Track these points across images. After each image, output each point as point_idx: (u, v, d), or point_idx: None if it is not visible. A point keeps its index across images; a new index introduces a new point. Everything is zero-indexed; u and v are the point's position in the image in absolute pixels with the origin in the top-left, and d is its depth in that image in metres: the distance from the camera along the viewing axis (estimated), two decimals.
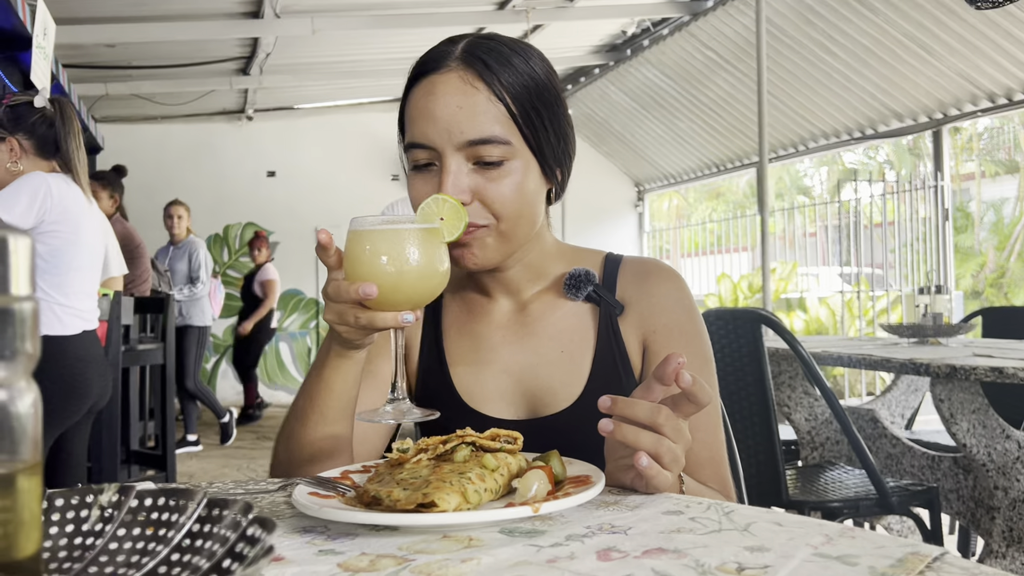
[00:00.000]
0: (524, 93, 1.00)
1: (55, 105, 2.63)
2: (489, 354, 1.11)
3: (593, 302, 1.10)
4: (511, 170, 1.00)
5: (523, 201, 1.01)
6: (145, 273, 5.21)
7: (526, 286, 1.12)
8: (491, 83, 0.98)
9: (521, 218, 1.02)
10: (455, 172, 0.98)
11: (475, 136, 0.97)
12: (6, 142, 2.57)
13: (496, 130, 0.98)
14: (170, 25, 5.98)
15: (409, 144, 1.02)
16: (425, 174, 1.02)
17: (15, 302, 0.39)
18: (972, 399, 2.35)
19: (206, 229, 8.55)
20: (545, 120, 1.02)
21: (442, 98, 0.98)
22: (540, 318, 1.11)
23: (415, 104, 1.01)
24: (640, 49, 7.60)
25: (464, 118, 0.97)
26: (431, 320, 1.15)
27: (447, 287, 1.16)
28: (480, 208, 1.00)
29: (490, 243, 1.02)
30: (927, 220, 6.35)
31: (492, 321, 1.12)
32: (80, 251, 2.60)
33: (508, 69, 1.00)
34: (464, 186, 0.98)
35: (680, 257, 10.07)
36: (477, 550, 0.66)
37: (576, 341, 1.09)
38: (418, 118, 1.00)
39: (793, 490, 2.37)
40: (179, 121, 8.78)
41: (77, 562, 0.52)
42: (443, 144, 0.98)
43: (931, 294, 3.09)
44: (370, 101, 9.07)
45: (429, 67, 1.01)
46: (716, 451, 1.06)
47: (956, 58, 5.46)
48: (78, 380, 2.59)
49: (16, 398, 0.40)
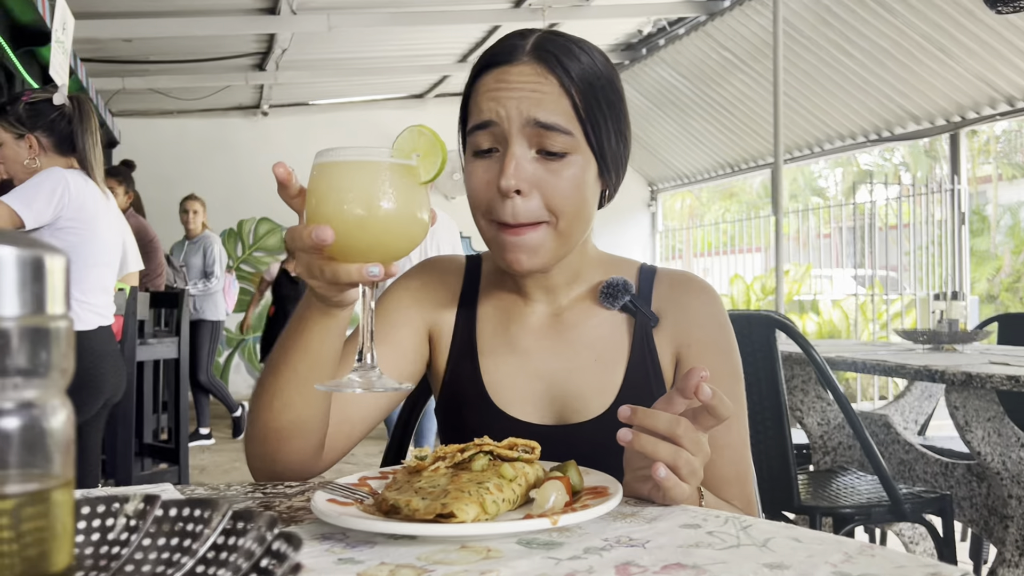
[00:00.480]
0: (591, 91, 0.99)
1: (73, 102, 2.64)
2: (522, 357, 1.09)
3: (629, 312, 1.09)
4: (572, 164, 0.99)
5: (582, 198, 1.00)
6: (159, 268, 5.24)
7: (563, 289, 1.10)
8: (561, 78, 0.98)
9: (579, 217, 1.01)
10: (519, 156, 0.97)
11: (545, 119, 0.96)
12: (25, 139, 2.58)
13: (564, 121, 0.97)
14: (187, 20, 6.01)
15: (473, 127, 1.00)
16: (486, 160, 1.00)
17: (50, 321, 0.40)
18: (987, 407, 2.34)
19: (220, 224, 8.58)
20: (609, 120, 1.01)
21: (515, 85, 0.98)
22: (575, 325, 1.09)
23: (484, 89, 1.00)
24: (656, 48, 7.58)
25: (536, 101, 0.97)
26: (464, 313, 1.13)
27: (482, 283, 1.15)
28: (539, 203, 0.98)
29: (547, 244, 1.00)
30: (943, 223, 6.32)
31: (527, 324, 1.10)
32: (97, 248, 2.61)
33: (577, 65, 0.99)
34: (527, 174, 0.97)
35: (693, 257, 10.04)
36: (495, 561, 0.66)
37: (610, 350, 1.08)
38: (487, 100, 0.99)
39: (805, 495, 2.37)
40: (195, 116, 8.82)
41: (103, 571, 0.53)
42: (510, 124, 0.97)
43: (947, 300, 3.07)
44: (384, 98, 9.09)
45: (500, 58, 1.01)
46: (743, 469, 1.05)
47: (974, 60, 5.43)
48: (93, 375, 2.62)
49: (50, 415, 0.40)
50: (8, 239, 0.38)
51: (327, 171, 0.78)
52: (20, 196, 2.41)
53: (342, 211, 0.76)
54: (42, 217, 2.43)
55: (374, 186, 0.77)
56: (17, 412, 0.39)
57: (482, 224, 1.03)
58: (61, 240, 2.52)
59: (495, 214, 0.99)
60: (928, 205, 6.48)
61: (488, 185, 0.99)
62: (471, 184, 1.01)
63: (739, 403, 1.06)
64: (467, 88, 1.05)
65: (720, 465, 1.01)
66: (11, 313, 0.38)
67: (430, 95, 8.99)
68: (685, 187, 9.71)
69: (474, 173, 1.01)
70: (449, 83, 8.57)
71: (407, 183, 0.78)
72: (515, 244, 1.00)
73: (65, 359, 0.41)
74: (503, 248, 1.01)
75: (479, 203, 1.01)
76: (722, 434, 1.02)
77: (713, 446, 1.00)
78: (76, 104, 2.64)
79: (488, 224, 1.02)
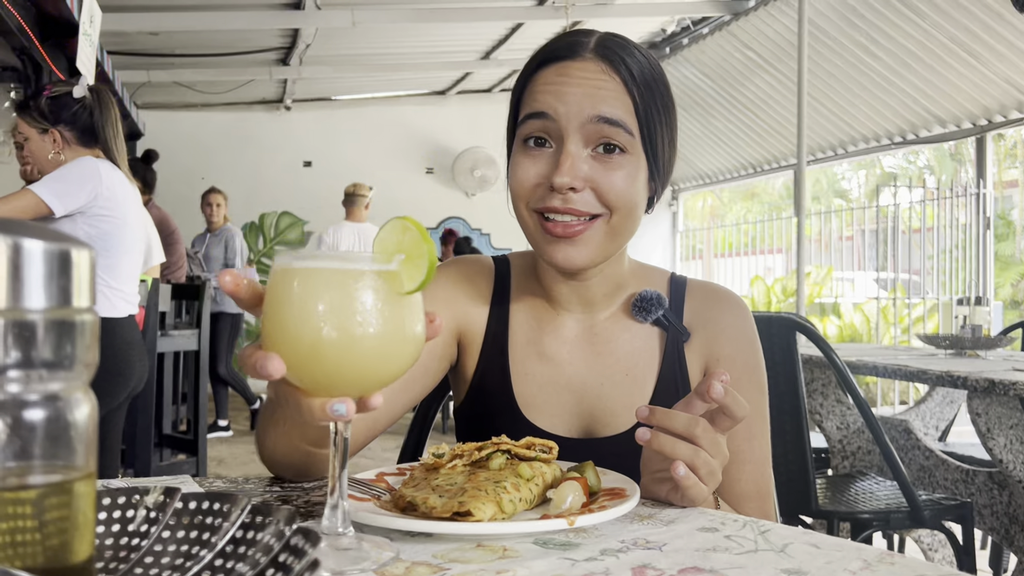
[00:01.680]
0: (649, 93, 0.98)
1: (93, 93, 2.66)
2: (554, 369, 1.08)
3: (661, 327, 1.08)
4: (627, 162, 0.97)
5: (634, 198, 0.98)
6: (180, 259, 5.28)
7: (601, 299, 1.08)
8: (625, 77, 0.97)
9: (631, 216, 0.99)
10: (575, 155, 0.95)
11: (610, 115, 0.95)
12: (48, 133, 2.61)
13: (625, 118, 0.96)
14: (212, 15, 6.05)
15: (527, 116, 0.98)
16: (534, 152, 0.98)
17: (76, 314, 0.40)
18: (1010, 414, 2.31)
19: (242, 217, 8.64)
20: (664, 125, 1.00)
21: (578, 80, 0.96)
22: (608, 339, 1.08)
23: (544, 81, 0.98)
24: (679, 48, 7.55)
25: (599, 97, 0.95)
26: (496, 317, 1.10)
27: (513, 287, 1.11)
28: (592, 198, 0.97)
29: (598, 238, 0.98)
30: (967, 227, 6.25)
31: (560, 336, 1.09)
32: (128, 234, 2.64)
33: (637, 66, 0.98)
34: (582, 172, 0.95)
35: (713, 258, 9.99)
36: (512, 561, 0.66)
37: (641, 365, 1.07)
38: (546, 92, 0.97)
39: (823, 499, 2.35)
40: (218, 109, 8.88)
41: (123, 563, 0.53)
42: (569, 119, 0.95)
43: (970, 305, 3.04)
44: (407, 94, 9.10)
45: (562, 53, 0.99)
46: (763, 486, 1.04)
47: (1002, 63, 5.36)
48: (123, 364, 2.65)
49: (74, 407, 0.41)
50: (35, 232, 0.39)
51: (287, 278, 0.63)
52: (48, 184, 2.43)
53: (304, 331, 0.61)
54: (71, 204, 2.45)
55: (344, 300, 0.61)
56: (42, 404, 0.39)
57: (525, 215, 1.00)
58: (96, 227, 2.54)
59: (545, 205, 0.97)
60: (952, 209, 6.41)
61: (537, 178, 0.98)
62: (517, 175, 0.99)
63: (762, 420, 1.06)
64: (521, 81, 1.02)
65: (741, 481, 1.01)
66: (37, 306, 0.39)
67: (452, 91, 9.00)
68: (707, 187, 9.66)
69: (521, 164, 0.99)
70: (471, 80, 8.57)
71: (385, 295, 0.63)
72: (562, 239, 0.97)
73: (90, 352, 0.41)
74: (549, 242, 0.99)
75: (524, 193, 0.99)
76: (744, 450, 1.02)
77: (735, 461, 1.00)
78: (96, 95, 2.66)
79: (532, 216, 0.99)
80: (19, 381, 0.39)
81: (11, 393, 0.38)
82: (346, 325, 0.61)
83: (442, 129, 9.17)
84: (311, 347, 0.61)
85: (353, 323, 0.61)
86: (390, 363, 0.64)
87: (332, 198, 9.06)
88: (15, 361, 0.38)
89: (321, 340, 0.61)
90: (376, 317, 0.62)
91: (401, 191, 9.10)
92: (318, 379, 0.63)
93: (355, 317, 0.61)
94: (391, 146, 9.18)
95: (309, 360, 0.62)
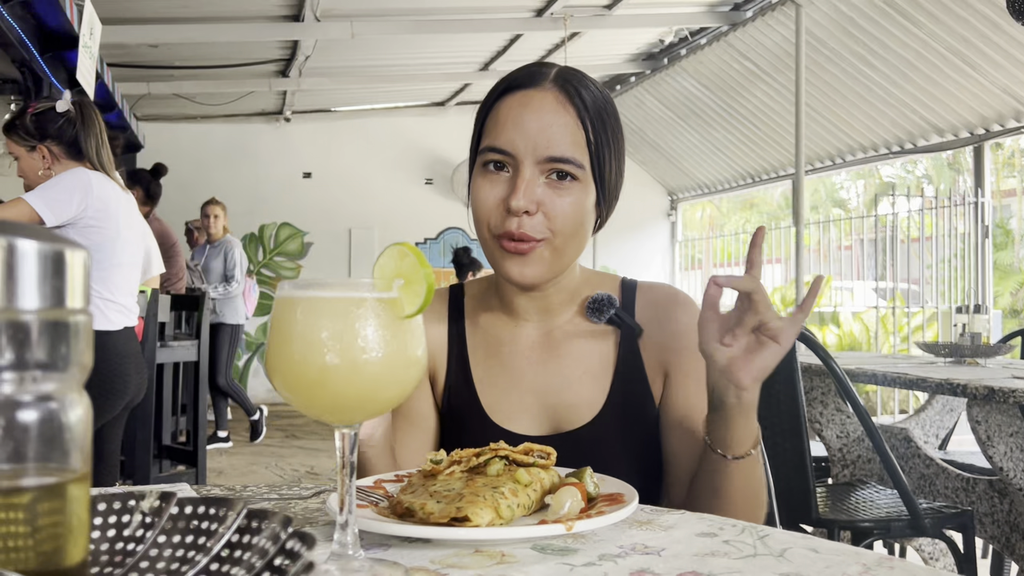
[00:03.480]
0: (600, 124, 1.07)
1: (76, 107, 2.66)
2: (516, 375, 1.16)
3: (614, 325, 1.15)
4: (576, 190, 1.06)
5: (579, 221, 1.07)
6: (180, 271, 5.28)
7: (558, 307, 1.16)
8: (579, 108, 1.06)
9: (574, 237, 1.08)
10: (530, 180, 1.04)
11: (559, 154, 1.04)
12: (37, 150, 2.62)
13: (576, 153, 1.05)
14: (212, 27, 6.07)
15: (490, 148, 1.07)
16: (493, 176, 1.07)
17: (70, 315, 0.40)
18: (1010, 422, 2.31)
19: (242, 228, 8.65)
20: (612, 152, 1.09)
21: (537, 112, 1.05)
22: (564, 341, 1.16)
23: (506, 111, 1.07)
24: (677, 58, 7.57)
25: (553, 136, 1.04)
26: (456, 342, 1.19)
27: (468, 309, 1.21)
28: (541, 220, 1.05)
29: (545, 257, 1.07)
30: (966, 236, 6.25)
31: (518, 345, 1.17)
32: (122, 246, 2.64)
33: (590, 97, 1.07)
34: (535, 196, 1.04)
35: (712, 267, 9.99)
36: (509, 566, 0.66)
37: (597, 362, 1.15)
38: (508, 125, 1.06)
39: (823, 508, 2.34)
40: (218, 121, 8.90)
41: (118, 567, 0.53)
42: (525, 155, 1.04)
43: (969, 313, 3.04)
44: (407, 105, 9.13)
45: (524, 82, 1.08)
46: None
47: (999, 72, 5.38)
48: (118, 376, 2.63)
49: (68, 409, 0.41)
50: (29, 233, 0.39)
51: (290, 308, 0.65)
52: (41, 194, 2.43)
53: (309, 359, 0.63)
54: (63, 215, 2.45)
55: (347, 328, 0.63)
56: (35, 405, 0.39)
57: (486, 236, 1.09)
58: (86, 239, 2.54)
59: (501, 228, 1.06)
60: (951, 218, 6.42)
61: (495, 200, 1.06)
62: (478, 197, 1.08)
63: None
64: (485, 107, 1.11)
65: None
66: (31, 306, 0.39)
67: (451, 103, 9.02)
68: (705, 197, 9.68)
69: (482, 188, 1.07)
70: (471, 91, 8.59)
71: (387, 320, 0.64)
72: (517, 258, 1.06)
73: (84, 354, 0.41)
74: (505, 260, 1.07)
75: (484, 216, 1.07)
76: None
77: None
78: (79, 108, 2.66)
79: (491, 237, 1.08)
80: (12, 382, 0.38)
81: (4, 394, 0.38)
82: (350, 352, 0.63)
83: (441, 140, 9.19)
84: (317, 374, 0.63)
85: (356, 349, 0.63)
86: (394, 387, 0.66)
87: (331, 209, 9.08)
88: (8, 362, 0.38)
89: (326, 367, 0.63)
90: (379, 342, 0.64)
91: (400, 202, 9.11)
92: (324, 405, 0.66)
93: (358, 343, 0.63)
94: (390, 157, 9.20)
95: (315, 387, 0.64)
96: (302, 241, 9.15)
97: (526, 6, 6.33)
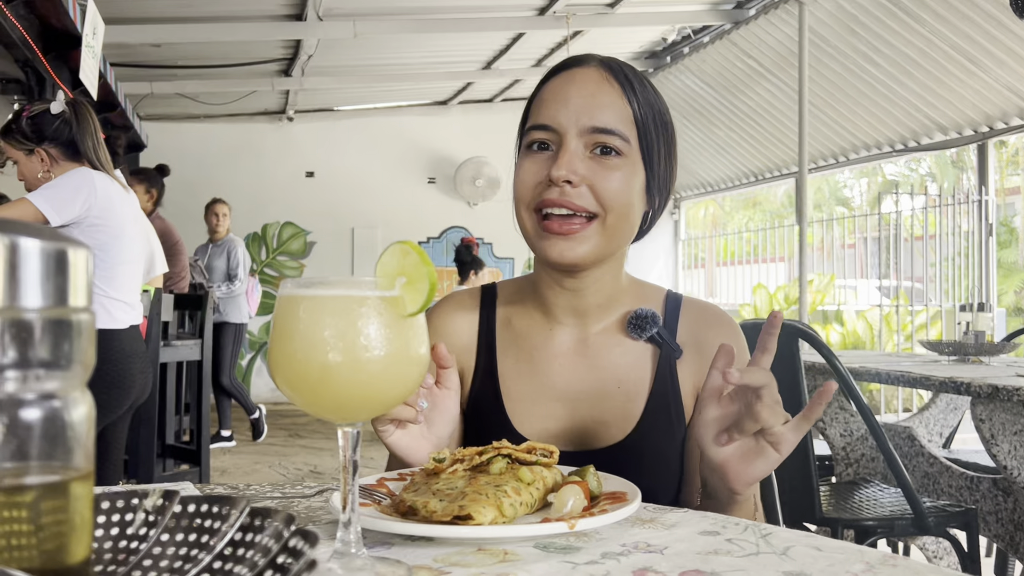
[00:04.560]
0: (650, 111, 1.05)
1: (70, 107, 2.66)
2: (545, 383, 1.09)
3: (655, 344, 1.10)
4: (623, 166, 1.02)
5: (629, 200, 1.03)
6: (183, 270, 5.29)
7: (595, 311, 1.10)
8: (624, 87, 1.04)
9: (625, 218, 1.03)
10: (572, 152, 1.00)
11: (602, 124, 1.01)
12: (35, 154, 2.62)
13: (621, 126, 1.02)
14: (214, 26, 6.07)
15: (532, 126, 1.04)
16: (537, 155, 1.04)
17: (72, 313, 0.40)
18: (1014, 420, 2.30)
19: (245, 228, 8.65)
20: (662, 144, 1.06)
21: (580, 85, 1.03)
22: (600, 353, 1.10)
23: (550, 90, 1.05)
24: (680, 56, 7.56)
25: (596, 106, 1.01)
26: (485, 344, 1.14)
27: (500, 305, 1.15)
28: (588, 195, 1.01)
29: (594, 238, 1.02)
30: (969, 234, 6.24)
31: (551, 350, 1.11)
32: (126, 244, 2.65)
33: (641, 86, 1.05)
34: (579, 169, 1.00)
35: (715, 266, 9.98)
36: (512, 564, 0.66)
37: (633, 380, 1.09)
38: (550, 100, 1.04)
39: (827, 507, 2.34)
40: (221, 120, 8.90)
41: (121, 566, 0.53)
42: (568, 126, 1.01)
43: (973, 311, 3.03)
44: (409, 104, 9.12)
45: (569, 63, 1.07)
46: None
47: (1003, 70, 5.36)
48: (124, 376, 2.64)
49: (71, 407, 0.41)
50: (32, 232, 0.39)
51: (293, 306, 0.65)
52: (44, 194, 2.44)
53: (312, 358, 0.63)
54: (67, 215, 2.46)
55: (350, 326, 0.63)
56: (38, 404, 0.39)
57: (525, 216, 1.04)
58: (91, 238, 2.54)
59: (543, 199, 1.01)
60: (955, 216, 6.40)
61: (537, 175, 1.02)
62: (520, 176, 1.04)
63: None
64: (532, 95, 1.09)
65: None
66: (34, 305, 0.39)
67: (454, 102, 9.02)
68: (708, 195, 9.66)
69: (524, 166, 1.04)
70: (473, 90, 8.59)
71: (389, 318, 0.65)
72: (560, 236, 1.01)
73: (87, 352, 0.41)
74: (544, 238, 1.02)
75: (525, 193, 1.03)
76: None
77: None
78: (73, 108, 2.66)
79: (531, 216, 1.03)
80: (15, 380, 0.39)
81: (7, 392, 0.38)
82: (352, 350, 0.63)
83: (444, 139, 9.19)
84: (319, 373, 0.63)
85: (359, 348, 0.63)
86: (397, 385, 0.66)
87: (334, 208, 9.09)
88: (11, 360, 0.38)
89: (329, 365, 0.63)
90: (381, 341, 0.64)
91: (403, 201, 9.11)
92: (327, 403, 0.65)
93: (360, 341, 0.63)
94: (393, 156, 9.20)
95: (318, 385, 0.64)
96: (305, 240, 9.15)
97: (529, 5, 6.33)
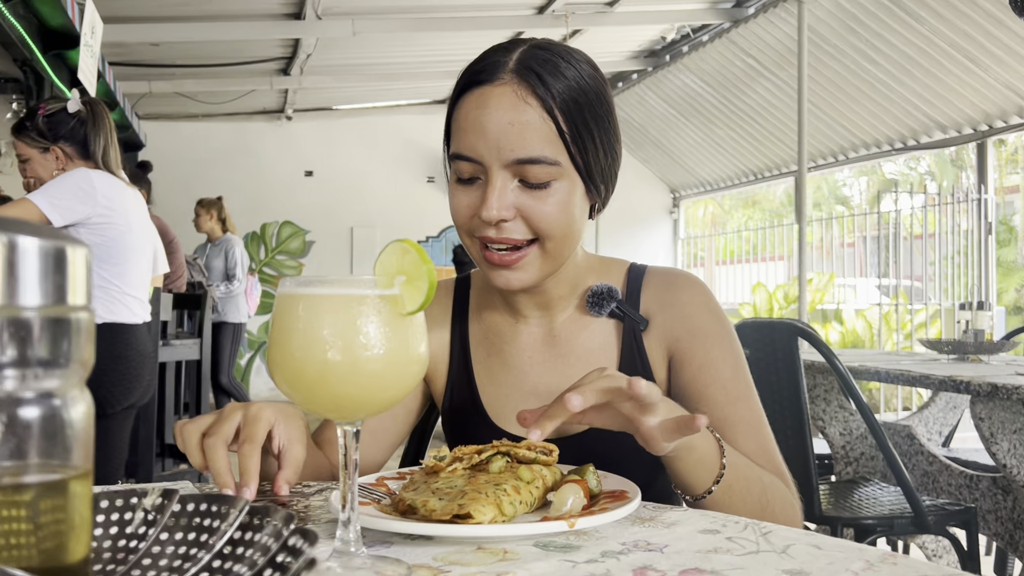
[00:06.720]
0: (576, 109, 0.97)
1: (87, 107, 2.67)
2: (518, 376, 1.11)
3: (617, 318, 1.10)
4: (557, 190, 0.97)
5: (568, 220, 0.99)
6: (180, 268, 5.28)
7: (558, 302, 1.10)
8: (544, 99, 0.95)
9: (566, 237, 1.00)
10: (500, 188, 0.96)
11: (524, 155, 0.95)
12: (50, 152, 2.62)
13: (546, 151, 0.95)
14: (213, 25, 6.07)
15: (455, 155, 0.99)
16: (468, 187, 1.00)
17: (71, 312, 0.40)
18: (1014, 419, 2.30)
19: (244, 227, 8.65)
20: (596, 137, 0.99)
21: (495, 113, 0.95)
22: (568, 339, 1.10)
23: (465, 114, 0.98)
24: (679, 55, 7.56)
25: (515, 135, 0.95)
26: (458, 338, 1.15)
27: (472, 304, 1.16)
28: (523, 226, 0.98)
29: (534, 262, 1.00)
30: (969, 233, 6.24)
31: (520, 344, 1.12)
32: (134, 240, 2.65)
33: (562, 83, 0.97)
34: (509, 203, 0.96)
35: (715, 265, 9.99)
36: (512, 563, 0.66)
37: (601, 359, 1.09)
38: (468, 130, 0.97)
39: (826, 505, 2.34)
40: (220, 119, 8.90)
41: (121, 564, 0.53)
42: (491, 160, 0.96)
43: (972, 310, 3.03)
44: (408, 103, 9.12)
45: (482, 77, 0.98)
46: (763, 443, 1.03)
47: (1002, 69, 5.36)
48: (133, 373, 2.65)
49: (70, 405, 0.41)
50: (30, 230, 0.39)
51: (292, 305, 0.65)
52: (46, 194, 2.44)
53: (310, 356, 0.63)
54: (70, 215, 2.46)
55: (349, 325, 0.63)
56: (37, 402, 0.39)
57: (467, 242, 1.03)
58: (100, 235, 2.55)
59: (481, 235, 0.99)
60: (954, 215, 6.40)
61: (471, 208, 0.99)
62: (454, 207, 1.01)
63: (745, 384, 1.06)
64: (450, 105, 1.03)
65: (739, 442, 1.01)
66: (32, 303, 0.38)
67: None
68: (708, 194, 9.67)
69: (456, 197, 1.01)
70: None
71: (388, 317, 0.64)
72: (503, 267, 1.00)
73: (86, 350, 0.41)
74: (491, 268, 1.01)
75: (463, 223, 1.01)
76: (731, 413, 1.04)
77: (725, 426, 1.03)
78: (89, 108, 2.66)
79: (473, 242, 1.02)
80: (14, 379, 0.38)
81: (6, 391, 0.38)
82: (351, 349, 0.63)
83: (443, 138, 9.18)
84: (319, 371, 0.63)
85: (358, 346, 0.63)
86: (396, 384, 0.66)
87: (333, 207, 9.08)
88: (10, 359, 0.38)
89: (328, 364, 0.62)
90: (380, 339, 0.63)
91: (402, 200, 9.11)
92: (326, 402, 0.65)
93: (360, 340, 0.63)
94: (392, 155, 9.20)
95: (317, 384, 0.63)
96: (304, 239, 9.15)
97: (528, 3, 6.33)
